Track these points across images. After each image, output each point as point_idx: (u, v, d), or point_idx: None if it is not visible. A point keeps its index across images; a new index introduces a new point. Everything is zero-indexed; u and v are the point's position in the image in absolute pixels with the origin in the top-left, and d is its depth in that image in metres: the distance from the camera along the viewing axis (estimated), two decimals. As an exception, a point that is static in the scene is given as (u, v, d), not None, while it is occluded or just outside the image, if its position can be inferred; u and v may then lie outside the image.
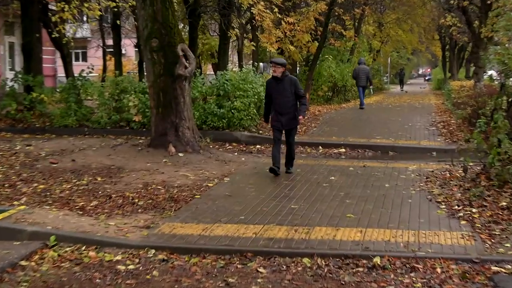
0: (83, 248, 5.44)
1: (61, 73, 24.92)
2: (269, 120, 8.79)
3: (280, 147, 8.64)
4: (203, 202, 6.92)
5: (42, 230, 5.73)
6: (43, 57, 17.74)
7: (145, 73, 14.05)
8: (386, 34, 34.58)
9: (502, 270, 4.78)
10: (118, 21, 20.72)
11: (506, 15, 14.23)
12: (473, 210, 6.34)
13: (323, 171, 8.92)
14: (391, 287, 4.58)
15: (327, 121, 16.15)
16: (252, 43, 18.65)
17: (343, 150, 11.91)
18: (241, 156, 10.52)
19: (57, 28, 14.55)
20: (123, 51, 26.07)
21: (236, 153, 11.09)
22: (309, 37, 19.51)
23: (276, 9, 16.26)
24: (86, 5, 14.14)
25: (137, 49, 23.03)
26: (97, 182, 7.99)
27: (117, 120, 13.72)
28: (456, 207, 6.55)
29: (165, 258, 5.23)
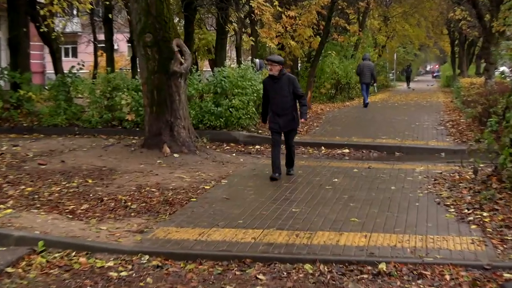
0: (73, 254, 5.44)
1: (50, 69, 24.97)
2: (267, 122, 8.74)
3: (280, 150, 8.57)
4: (200, 206, 6.93)
5: (30, 235, 5.72)
6: (31, 52, 17.75)
7: (139, 70, 14.09)
8: (392, 28, 34.61)
9: (515, 277, 4.79)
10: (110, 15, 20.73)
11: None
12: (484, 214, 6.35)
13: (325, 172, 8.94)
14: (397, 295, 4.59)
15: (330, 120, 16.19)
16: (251, 38, 18.65)
17: (347, 150, 11.93)
18: (239, 157, 10.54)
19: (45, 22, 14.53)
20: (115, 47, 26.06)
21: (234, 154, 11.10)
22: (311, 32, 19.56)
23: (276, 2, 16.27)
24: (76, -3, 14.14)
25: (130, 44, 23.09)
26: (88, 185, 7.99)
27: (109, 119, 13.73)
28: (466, 210, 6.56)
29: (160, 264, 5.23)
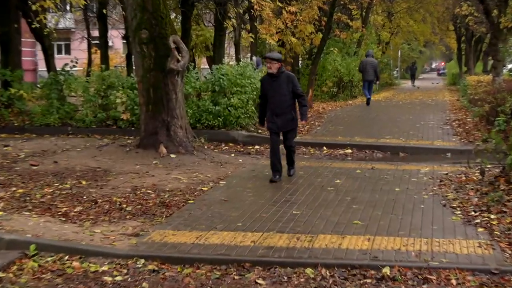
0: (66, 258, 5.43)
1: (42, 67, 24.99)
2: (264, 123, 8.63)
3: (279, 151, 8.47)
4: (197, 208, 6.92)
5: (21, 239, 5.72)
6: (22, 49, 17.77)
7: (134, 67, 14.05)
8: (396, 24, 34.66)
9: (523, 281, 4.79)
10: (104, 11, 20.71)
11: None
12: (492, 217, 6.34)
13: (327, 173, 8.94)
14: (401, 300, 4.59)
15: (332, 120, 16.18)
16: (250, 34, 18.63)
17: (350, 151, 11.91)
18: (238, 158, 10.54)
19: (37, 18, 14.53)
20: (109, 43, 26.09)
21: (232, 154, 11.10)
22: (312, 28, 19.54)
23: (277, -3, 16.30)
24: (69, -8, 14.17)
25: (125, 41, 23.04)
26: (82, 186, 7.99)
27: (103, 119, 13.73)
28: (473, 213, 6.55)
29: (156, 268, 5.22)
